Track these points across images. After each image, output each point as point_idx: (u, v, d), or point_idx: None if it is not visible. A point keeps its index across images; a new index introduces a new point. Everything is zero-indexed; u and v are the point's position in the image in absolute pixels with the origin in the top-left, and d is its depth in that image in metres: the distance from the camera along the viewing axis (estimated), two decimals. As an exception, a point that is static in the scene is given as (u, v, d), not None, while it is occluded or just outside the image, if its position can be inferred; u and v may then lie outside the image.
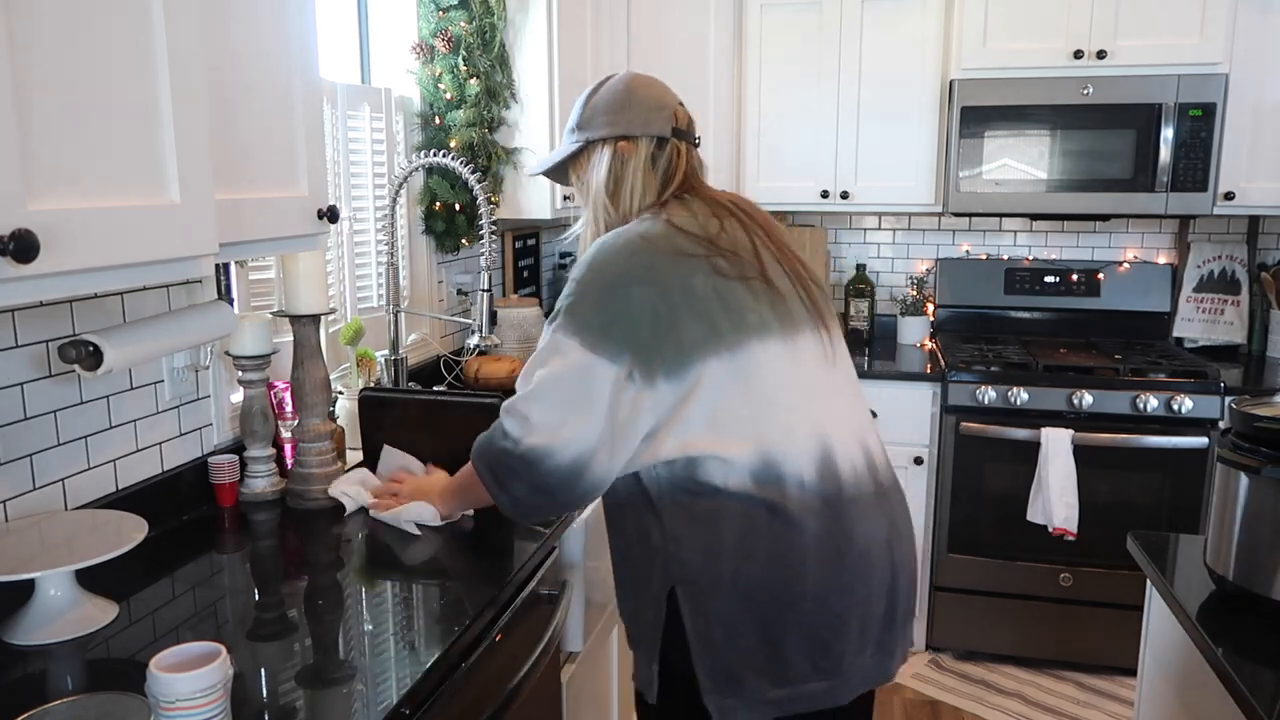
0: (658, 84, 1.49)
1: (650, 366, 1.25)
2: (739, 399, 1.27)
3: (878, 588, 1.32)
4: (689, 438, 1.27)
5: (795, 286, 1.38)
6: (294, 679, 1.15)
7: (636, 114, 1.44)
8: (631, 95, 1.45)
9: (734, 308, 1.29)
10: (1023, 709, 2.80)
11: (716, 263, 1.31)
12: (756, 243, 1.38)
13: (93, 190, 1.01)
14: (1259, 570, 1.34)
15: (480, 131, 2.61)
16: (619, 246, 1.32)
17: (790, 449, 1.28)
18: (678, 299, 1.27)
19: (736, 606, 1.26)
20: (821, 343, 1.36)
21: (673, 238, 1.32)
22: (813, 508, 1.27)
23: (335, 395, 2.13)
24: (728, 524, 1.26)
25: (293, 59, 1.44)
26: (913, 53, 3.10)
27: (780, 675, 1.28)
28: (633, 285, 1.27)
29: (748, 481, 1.26)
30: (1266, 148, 2.89)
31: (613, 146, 1.44)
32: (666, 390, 1.26)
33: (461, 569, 1.49)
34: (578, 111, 1.48)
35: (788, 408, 1.29)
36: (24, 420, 1.41)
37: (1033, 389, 2.85)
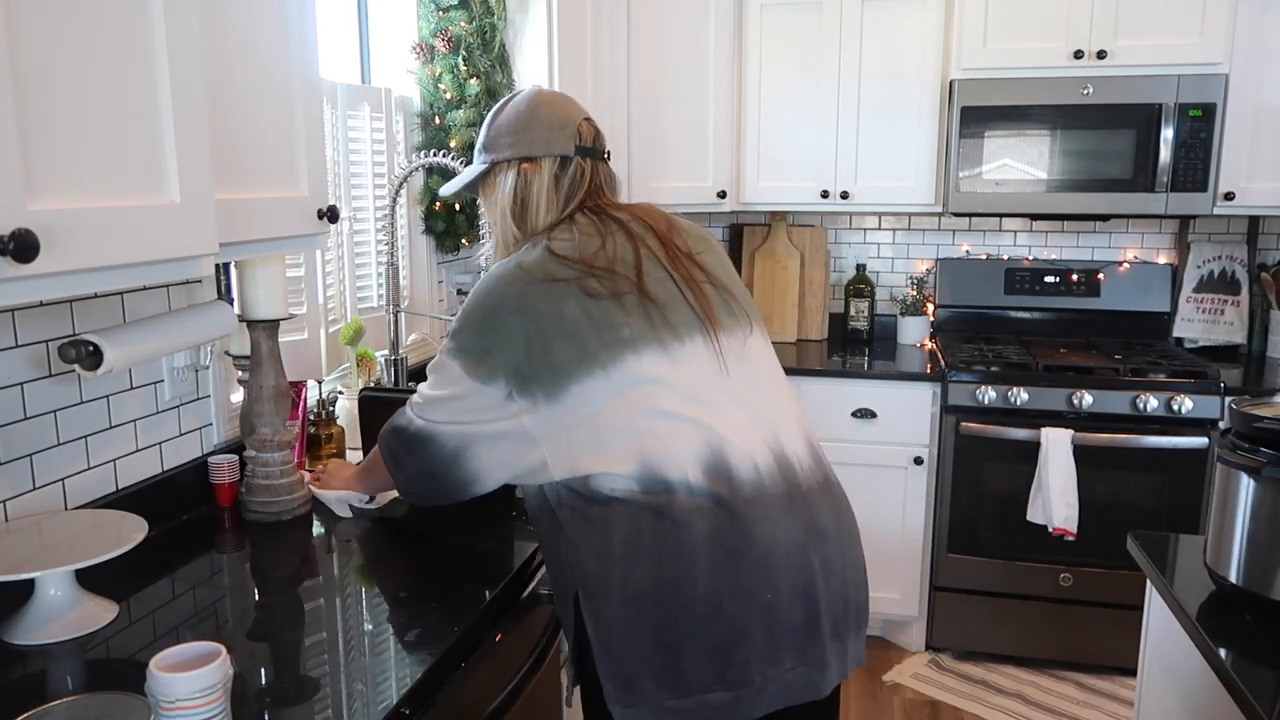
0: (562, 100, 1.50)
1: (529, 388, 1.30)
2: (618, 414, 1.28)
3: (787, 593, 1.27)
4: (576, 457, 1.29)
5: (683, 293, 1.37)
6: (294, 679, 1.15)
7: (538, 134, 1.45)
8: (534, 114, 1.46)
9: (605, 325, 1.30)
10: (1023, 709, 2.80)
11: (587, 284, 1.33)
12: (640, 254, 1.38)
13: (93, 190, 1.01)
14: (1259, 570, 1.34)
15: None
16: (499, 276, 1.36)
17: (673, 454, 1.27)
18: (548, 324, 1.30)
19: (628, 611, 1.25)
20: (710, 348, 1.35)
21: (546, 264, 1.35)
22: (702, 509, 1.25)
23: (335, 395, 2.13)
24: (616, 528, 1.26)
25: (293, 59, 1.44)
26: (913, 53, 3.10)
27: (680, 684, 1.25)
28: (507, 315, 1.32)
29: (635, 489, 1.26)
30: (1266, 148, 2.89)
31: (516, 168, 1.46)
32: (548, 410, 1.29)
33: (462, 569, 1.49)
34: (484, 132, 1.50)
35: (670, 416, 1.28)
36: (24, 420, 1.41)
37: (1033, 389, 2.85)
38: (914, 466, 2.99)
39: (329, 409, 2.03)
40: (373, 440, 1.88)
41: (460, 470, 1.37)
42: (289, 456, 1.73)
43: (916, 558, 3.05)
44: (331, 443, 2.00)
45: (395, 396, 1.87)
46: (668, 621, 1.24)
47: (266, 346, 1.69)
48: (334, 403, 2.08)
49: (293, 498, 1.71)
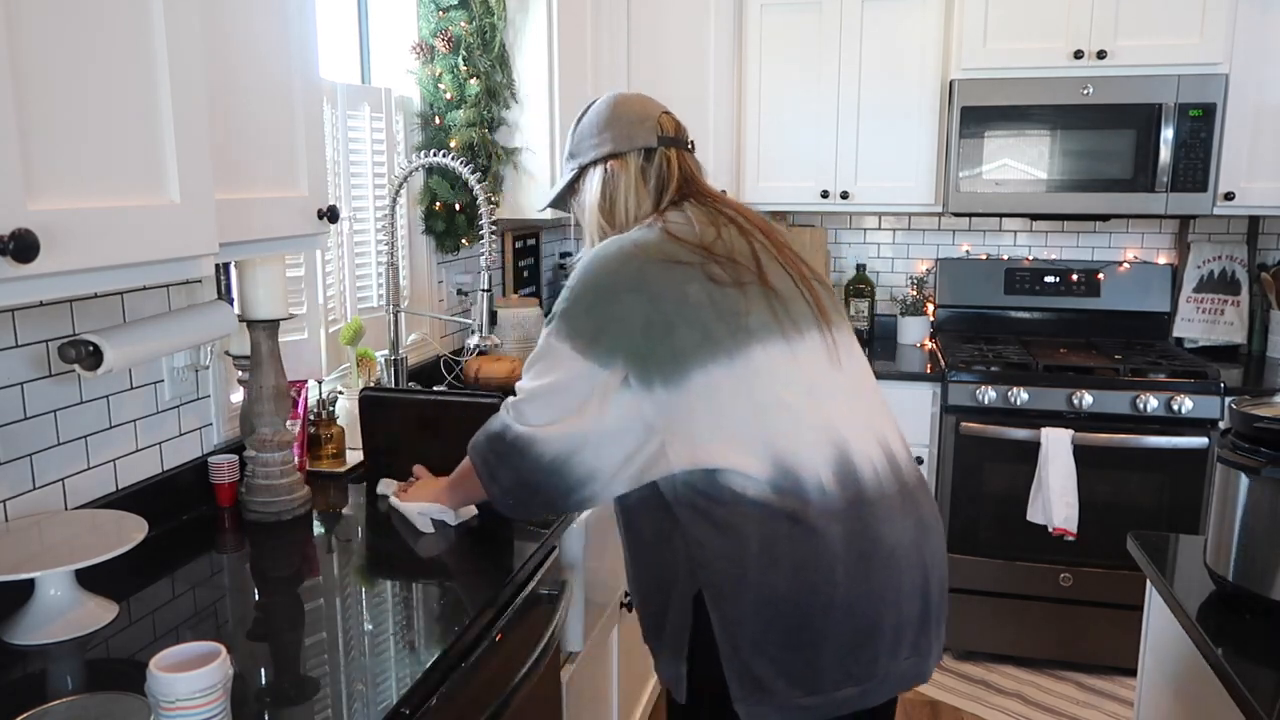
0: (639, 98, 1.51)
1: (646, 372, 1.26)
2: (744, 404, 1.26)
3: (909, 590, 1.30)
4: (699, 449, 1.26)
5: (798, 287, 1.37)
6: (293, 679, 1.15)
7: (620, 130, 1.46)
8: (614, 113, 1.48)
9: (730, 313, 1.29)
10: (1023, 709, 2.80)
11: (711, 270, 1.31)
12: (755, 247, 1.38)
13: (93, 190, 1.01)
14: (1259, 570, 1.34)
15: (480, 131, 2.61)
16: (613, 254, 1.33)
17: (804, 454, 1.26)
18: (670, 307, 1.27)
19: (763, 614, 1.25)
20: (826, 343, 1.35)
21: (666, 245, 1.33)
22: (835, 513, 1.26)
23: (335, 395, 2.13)
24: (749, 531, 1.25)
25: (293, 59, 1.44)
26: (913, 53, 3.10)
27: (813, 684, 1.26)
28: (623, 292, 1.28)
29: (767, 492, 1.25)
30: (1266, 148, 2.89)
31: (603, 167, 1.47)
32: (665, 397, 1.26)
33: (461, 569, 1.49)
34: (569, 140, 1.52)
35: (795, 410, 1.28)
36: (24, 420, 1.41)
37: (1033, 389, 2.85)
38: (914, 466, 2.99)
39: (329, 409, 2.03)
40: (372, 440, 1.89)
41: (564, 478, 1.30)
42: (289, 456, 1.73)
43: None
44: (331, 443, 2.00)
45: (395, 396, 1.87)
46: (804, 624, 1.25)
47: (266, 346, 1.69)
48: (334, 403, 2.08)
49: (293, 498, 1.71)
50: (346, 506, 1.79)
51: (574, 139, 1.51)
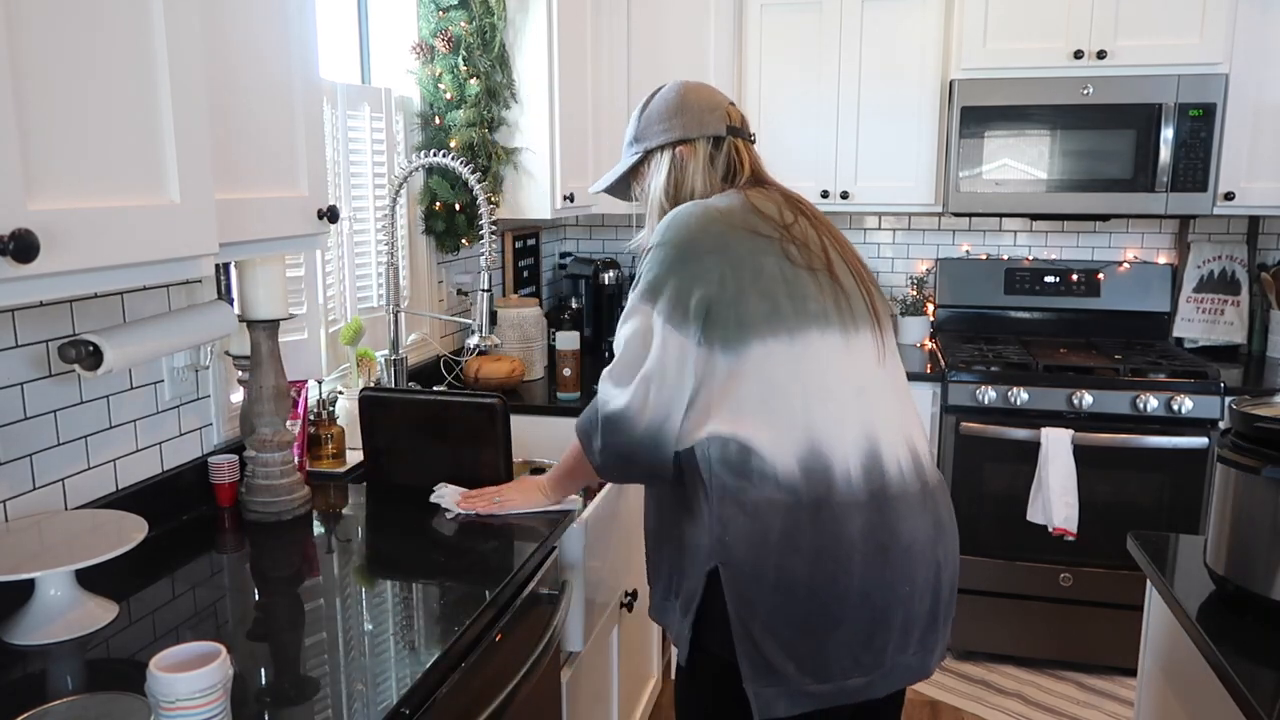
0: (707, 87, 1.54)
1: (710, 334, 1.30)
2: (794, 384, 1.29)
3: (922, 585, 1.33)
4: (742, 416, 1.29)
5: (859, 286, 1.42)
6: (293, 679, 1.15)
7: (691, 117, 1.49)
8: (684, 100, 1.50)
9: (799, 294, 1.33)
10: (1023, 709, 2.80)
11: (788, 248, 1.36)
12: (825, 240, 1.42)
13: (93, 190, 1.01)
14: (1259, 570, 1.34)
15: (480, 131, 2.61)
16: (696, 214, 1.36)
17: (838, 443, 1.29)
18: (746, 274, 1.31)
19: (780, 599, 1.28)
20: (876, 343, 1.39)
21: (749, 216, 1.37)
22: (859, 503, 1.29)
23: (335, 395, 2.13)
24: (774, 517, 1.28)
25: (293, 59, 1.44)
26: (913, 53, 3.10)
27: (823, 671, 1.29)
28: (704, 254, 1.32)
29: (795, 472, 1.28)
30: (1266, 148, 2.89)
31: (671, 151, 1.49)
32: (722, 361, 1.30)
33: (461, 569, 1.49)
34: (634, 124, 1.54)
35: (840, 400, 1.31)
36: (24, 420, 1.41)
37: (1033, 389, 2.85)
38: (914, 466, 2.99)
39: (329, 409, 2.03)
40: (372, 440, 1.89)
41: (660, 446, 1.33)
42: (289, 456, 1.73)
43: (916, 558, 3.05)
44: (331, 443, 2.00)
45: (395, 397, 1.87)
46: (819, 610, 1.28)
47: (266, 346, 1.69)
48: (334, 403, 2.08)
49: (293, 498, 1.71)
50: (346, 506, 1.79)
51: (640, 123, 1.53)
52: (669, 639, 1.45)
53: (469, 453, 1.83)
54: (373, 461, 1.90)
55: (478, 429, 1.81)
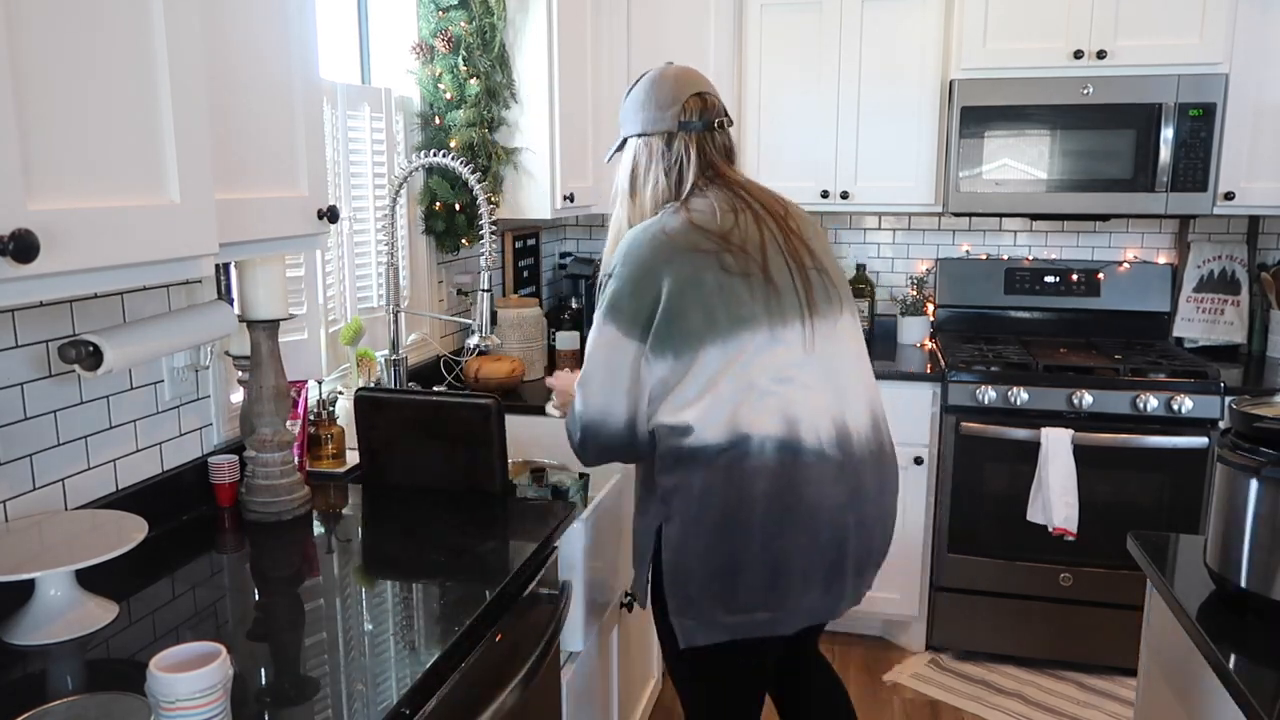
0: (676, 78, 1.64)
1: (661, 344, 1.51)
2: (725, 380, 1.49)
3: (825, 543, 1.53)
4: (683, 407, 1.50)
5: (793, 280, 1.56)
6: (294, 679, 1.15)
7: (649, 113, 1.62)
8: (649, 94, 1.63)
9: (732, 301, 1.50)
10: (1023, 709, 2.80)
11: (724, 259, 1.52)
12: (765, 237, 1.56)
13: (93, 190, 1.01)
14: (1259, 570, 1.34)
15: (480, 131, 2.61)
16: (645, 240, 1.54)
17: (756, 425, 1.49)
18: (689, 290, 1.49)
19: (698, 544, 1.52)
20: (805, 333, 1.55)
21: (689, 234, 1.53)
22: (768, 472, 1.50)
23: (335, 395, 2.13)
24: (697, 477, 1.50)
25: (293, 59, 1.44)
26: (913, 53, 3.10)
27: (732, 604, 1.53)
28: (655, 276, 1.51)
29: (722, 444, 1.49)
30: (1266, 148, 2.89)
31: (635, 143, 1.65)
32: (672, 365, 1.51)
33: (461, 569, 1.49)
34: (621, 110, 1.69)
35: (761, 390, 1.50)
36: (24, 420, 1.41)
37: (1033, 389, 2.85)
38: (914, 466, 2.99)
39: (329, 409, 2.03)
40: (368, 441, 1.88)
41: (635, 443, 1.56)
42: (289, 456, 1.73)
43: (917, 558, 3.05)
44: (331, 443, 2.00)
45: (391, 397, 1.87)
46: (727, 555, 1.51)
47: (266, 346, 1.69)
48: (334, 403, 2.08)
49: (293, 498, 1.71)
50: (346, 506, 1.79)
51: (622, 110, 1.68)
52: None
53: (465, 453, 1.83)
54: (369, 461, 1.90)
55: (473, 429, 1.81)
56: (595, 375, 1.56)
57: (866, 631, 3.26)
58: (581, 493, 2.03)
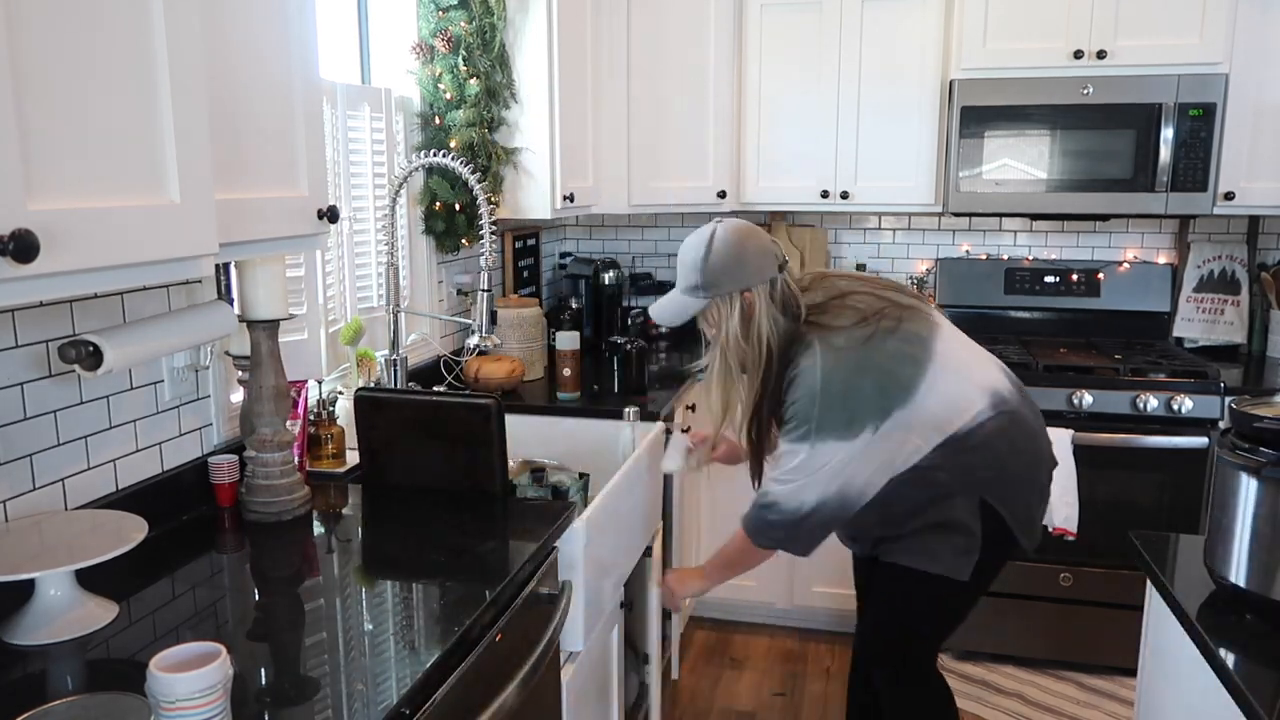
0: (754, 232, 1.83)
1: (889, 411, 1.74)
2: (950, 378, 1.78)
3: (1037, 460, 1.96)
4: (943, 424, 1.78)
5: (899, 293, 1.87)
6: (294, 679, 1.16)
7: (751, 269, 1.78)
8: (744, 252, 1.78)
9: (912, 337, 1.77)
10: (1023, 709, 2.80)
11: (881, 325, 1.77)
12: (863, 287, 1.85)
13: (93, 190, 1.01)
14: (1259, 570, 1.34)
15: (480, 131, 2.61)
16: (827, 363, 1.73)
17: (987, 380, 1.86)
18: (887, 364, 1.74)
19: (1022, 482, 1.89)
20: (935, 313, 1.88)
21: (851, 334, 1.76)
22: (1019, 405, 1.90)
23: (335, 395, 2.13)
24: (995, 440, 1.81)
25: (293, 59, 1.44)
26: (913, 53, 3.10)
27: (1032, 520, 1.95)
28: (852, 381, 1.73)
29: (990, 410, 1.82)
30: (1266, 148, 2.89)
31: (739, 298, 1.79)
32: (904, 414, 1.74)
33: (461, 569, 1.49)
34: (696, 273, 1.79)
35: (967, 359, 1.84)
36: (24, 420, 1.41)
37: (1033, 389, 2.84)
38: (914, 466, 2.99)
39: (329, 409, 2.03)
40: (368, 441, 1.88)
41: (849, 509, 1.78)
42: (289, 456, 1.73)
43: (916, 558, 3.05)
44: (331, 443, 2.00)
45: (391, 397, 1.87)
46: (1032, 479, 1.91)
47: (266, 346, 1.69)
48: (334, 403, 2.08)
49: (292, 498, 1.71)
50: (346, 506, 1.79)
51: (705, 273, 1.78)
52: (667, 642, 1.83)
53: (464, 453, 1.83)
54: (369, 462, 1.90)
55: (473, 429, 1.80)
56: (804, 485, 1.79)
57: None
58: (581, 493, 2.03)
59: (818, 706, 2.84)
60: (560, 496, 1.97)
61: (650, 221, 3.77)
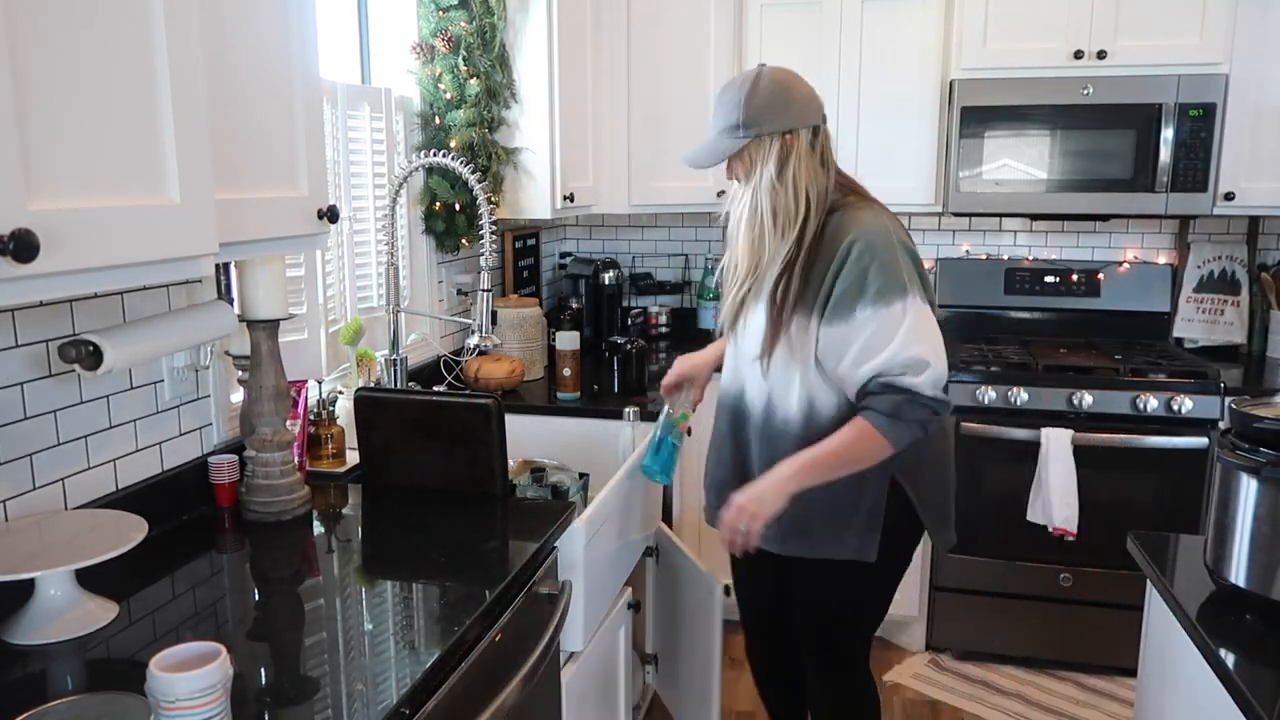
0: (799, 77, 1.77)
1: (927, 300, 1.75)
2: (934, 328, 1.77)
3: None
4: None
5: None
6: (294, 679, 1.16)
7: (798, 109, 1.71)
8: (790, 92, 1.71)
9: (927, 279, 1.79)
10: (1023, 709, 2.80)
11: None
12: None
13: (93, 190, 1.01)
14: (1259, 570, 1.34)
15: (480, 131, 2.61)
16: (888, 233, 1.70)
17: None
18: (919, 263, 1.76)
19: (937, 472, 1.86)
20: None
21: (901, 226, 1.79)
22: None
23: (335, 395, 2.13)
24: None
25: (293, 59, 1.44)
26: (913, 53, 3.10)
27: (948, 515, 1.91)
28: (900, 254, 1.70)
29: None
30: (1266, 148, 2.89)
31: (781, 139, 1.70)
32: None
33: (461, 569, 1.49)
34: (738, 109, 1.70)
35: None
36: (24, 420, 1.41)
37: (1033, 389, 2.85)
38: (914, 466, 2.99)
39: (329, 409, 2.03)
40: (368, 441, 1.88)
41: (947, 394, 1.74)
42: (289, 456, 1.73)
43: (917, 558, 3.04)
44: (331, 443, 2.00)
45: (391, 397, 1.87)
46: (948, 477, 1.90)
47: (266, 346, 1.69)
48: (334, 403, 2.08)
49: (293, 498, 1.71)
50: (346, 506, 1.79)
51: (747, 109, 1.69)
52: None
53: (464, 453, 1.83)
54: (369, 462, 1.90)
55: (473, 429, 1.80)
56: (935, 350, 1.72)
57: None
58: (581, 493, 2.03)
59: (818, 706, 2.84)
60: (560, 496, 1.97)
61: (650, 221, 3.77)
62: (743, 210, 1.75)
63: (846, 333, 1.67)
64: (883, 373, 1.66)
